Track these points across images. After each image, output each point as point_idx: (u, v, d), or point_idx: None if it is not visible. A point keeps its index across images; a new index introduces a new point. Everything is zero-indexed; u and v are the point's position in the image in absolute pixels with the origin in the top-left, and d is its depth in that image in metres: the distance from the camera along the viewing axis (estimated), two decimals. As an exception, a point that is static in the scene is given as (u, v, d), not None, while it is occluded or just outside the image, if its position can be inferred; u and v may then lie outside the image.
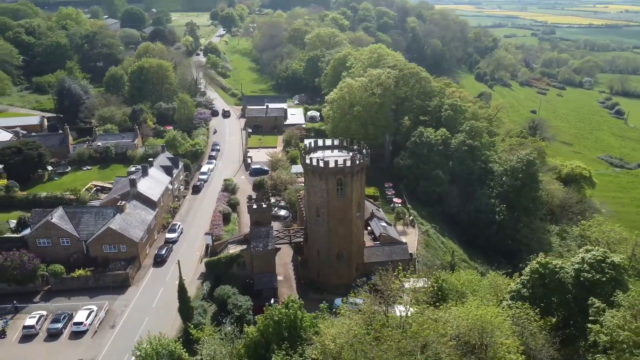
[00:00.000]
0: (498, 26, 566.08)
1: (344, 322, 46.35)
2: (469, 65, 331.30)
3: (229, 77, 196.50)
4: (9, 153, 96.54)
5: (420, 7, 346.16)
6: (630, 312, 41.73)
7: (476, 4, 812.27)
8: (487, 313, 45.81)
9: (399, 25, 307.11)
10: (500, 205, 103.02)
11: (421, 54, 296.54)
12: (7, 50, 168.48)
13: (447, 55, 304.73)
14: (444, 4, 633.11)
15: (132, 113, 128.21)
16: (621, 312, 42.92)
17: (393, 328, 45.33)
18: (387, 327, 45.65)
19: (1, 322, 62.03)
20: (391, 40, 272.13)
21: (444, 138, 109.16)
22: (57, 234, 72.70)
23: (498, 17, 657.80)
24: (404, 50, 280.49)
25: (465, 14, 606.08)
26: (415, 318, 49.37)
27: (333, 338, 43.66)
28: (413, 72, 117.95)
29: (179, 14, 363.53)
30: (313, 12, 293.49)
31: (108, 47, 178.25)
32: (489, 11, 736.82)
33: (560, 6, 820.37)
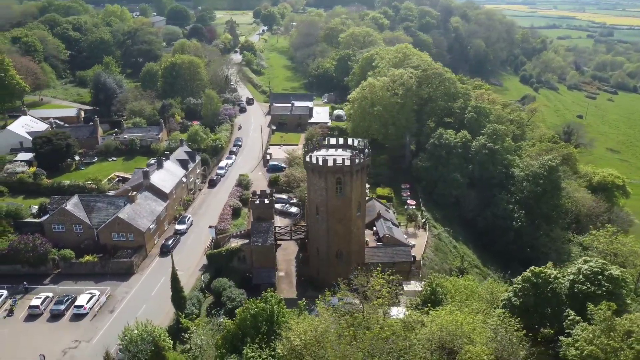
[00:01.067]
0: (552, 27, 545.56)
1: (313, 318, 46.66)
2: (514, 67, 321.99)
3: (264, 74, 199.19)
4: (40, 142, 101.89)
5: (466, 7, 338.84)
6: (602, 326, 39.91)
7: (530, 4, 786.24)
8: (458, 319, 45.03)
9: (441, 25, 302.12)
10: (519, 212, 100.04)
11: (463, 54, 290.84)
12: (54, 45, 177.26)
13: (491, 57, 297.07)
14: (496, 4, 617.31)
15: (162, 108, 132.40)
16: (592, 326, 41.14)
17: (364, 328, 45.25)
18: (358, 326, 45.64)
19: (10, 301, 65.91)
20: (432, 40, 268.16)
21: (464, 140, 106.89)
22: (71, 220, 76.39)
23: (553, 17, 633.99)
24: (445, 51, 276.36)
25: (518, 14, 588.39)
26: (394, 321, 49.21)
27: (299, 334, 44.03)
28: (437, 73, 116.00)
29: (224, 12, 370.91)
30: (354, 11, 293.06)
31: (148, 43, 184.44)
32: (543, 11, 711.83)
33: (621, 7, 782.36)
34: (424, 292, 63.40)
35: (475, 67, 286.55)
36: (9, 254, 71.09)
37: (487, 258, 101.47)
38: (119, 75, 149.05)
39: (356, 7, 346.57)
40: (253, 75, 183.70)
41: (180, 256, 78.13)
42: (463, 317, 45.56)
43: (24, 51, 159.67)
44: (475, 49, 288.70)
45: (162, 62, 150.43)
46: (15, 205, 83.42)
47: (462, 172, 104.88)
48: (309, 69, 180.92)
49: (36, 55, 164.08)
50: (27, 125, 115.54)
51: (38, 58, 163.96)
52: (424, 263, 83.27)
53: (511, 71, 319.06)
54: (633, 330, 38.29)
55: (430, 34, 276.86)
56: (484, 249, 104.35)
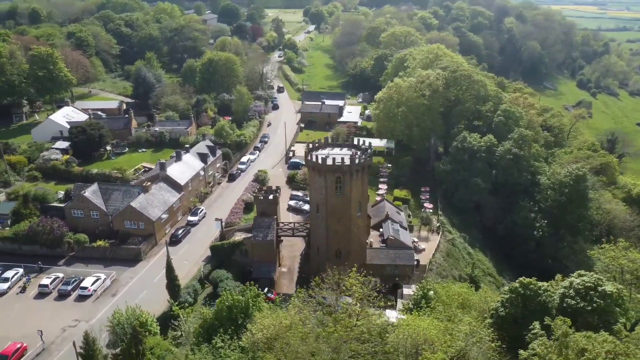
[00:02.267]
0: (622, 29, 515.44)
1: (280, 313, 47.27)
2: (571, 71, 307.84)
3: (304, 72, 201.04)
4: (75, 132, 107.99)
5: (522, 7, 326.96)
6: (559, 342, 38.11)
7: (600, 4, 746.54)
8: (423, 325, 44.36)
9: (494, 25, 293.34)
10: (541, 221, 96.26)
11: (516, 56, 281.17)
12: (106, 41, 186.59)
13: (546, 59, 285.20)
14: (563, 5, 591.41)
15: (196, 102, 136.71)
16: (549, 342, 39.42)
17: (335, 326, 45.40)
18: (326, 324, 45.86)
19: (24, 279, 70.58)
20: (482, 41, 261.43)
21: (489, 145, 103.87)
22: (88, 206, 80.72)
23: (624, 19, 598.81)
24: (496, 52, 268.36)
25: (585, 15, 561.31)
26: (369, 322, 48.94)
27: (261, 328, 44.78)
28: (465, 74, 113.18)
29: (277, 10, 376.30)
30: (404, 10, 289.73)
31: (192, 40, 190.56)
32: (614, 13, 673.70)
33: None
34: (415, 296, 62.72)
35: (528, 69, 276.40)
36: (28, 235, 76.06)
37: (505, 267, 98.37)
38: (159, 70, 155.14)
39: (408, 7, 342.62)
40: (291, 73, 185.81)
41: (187, 246, 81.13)
42: (428, 323, 44.77)
43: (77, 46, 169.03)
44: (529, 51, 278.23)
45: (202, 59, 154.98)
46: (43, 190, 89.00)
47: (484, 177, 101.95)
48: (347, 68, 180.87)
49: (88, 49, 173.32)
50: (68, 115, 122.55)
51: (90, 52, 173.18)
52: (430, 268, 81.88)
53: (568, 75, 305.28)
54: (587, 348, 36.36)
55: (481, 34, 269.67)
56: (503, 257, 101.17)
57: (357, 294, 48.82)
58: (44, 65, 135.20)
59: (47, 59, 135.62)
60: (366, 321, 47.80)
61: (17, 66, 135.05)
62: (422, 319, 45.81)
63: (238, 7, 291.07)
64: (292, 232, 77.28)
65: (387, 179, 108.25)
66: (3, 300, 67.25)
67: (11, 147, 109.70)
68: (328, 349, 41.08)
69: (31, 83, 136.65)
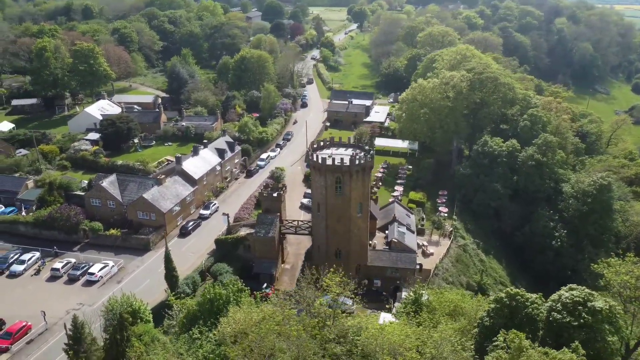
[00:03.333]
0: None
1: (253, 309, 48.10)
2: (627, 75, 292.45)
3: (340, 71, 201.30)
4: (105, 125, 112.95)
5: (576, 7, 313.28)
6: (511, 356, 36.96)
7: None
8: (388, 330, 44.14)
9: (543, 26, 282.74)
10: (561, 230, 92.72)
11: (566, 58, 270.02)
12: (150, 37, 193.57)
13: (599, 62, 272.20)
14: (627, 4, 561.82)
15: (226, 99, 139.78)
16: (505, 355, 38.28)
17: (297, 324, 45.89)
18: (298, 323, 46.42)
19: (40, 262, 74.85)
20: (529, 42, 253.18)
21: (511, 150, 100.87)
22: (105, 196, 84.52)
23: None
24: (544, 54, 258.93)
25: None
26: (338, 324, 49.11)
27: (231, 322, 45.78)
28: (491, 77, 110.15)
29: (322, 8, 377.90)
30: (450, 9, 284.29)
31: (231, 37, 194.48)
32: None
33: None
34: (406, 301, 62.24)
35: (578, 72, 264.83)
36: (47, 221, 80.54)
37: (521, 277, 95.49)
38: (194, 66, 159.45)
39: (455, 6, 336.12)
40: (324, 72, 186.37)
41: (195, 239, 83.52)
42: (393, 328, 44.50)
43: (120, 41, 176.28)
44: (580, 53, 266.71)
45: (235, 56, 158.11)
46: (68, 178, 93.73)
47: (504, 183, 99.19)
48: (380, 68, 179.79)
49: (131, 45, 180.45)
50: (103, 108, 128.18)
51: (132, 48, 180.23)
52: (436, 273, 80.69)
53: (623, 79, 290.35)
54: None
55: (529, 35, 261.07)
56: (521, 266, 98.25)
57: (332, 295, 49.05)
58: (85, 60, 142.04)
59: (88, 53, 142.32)
60: (339, 323, 48.02)
61: (61, 60, 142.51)
62: (393, 324, 45.48)
63: (282, 5, 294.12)
64: (295, 229, 78.07)
65: (406, 180, 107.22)
66: (18, 281, 71.65)
67: (48, 136, 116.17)
68: (290, 347, 41.54)
69: (73, 76, 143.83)
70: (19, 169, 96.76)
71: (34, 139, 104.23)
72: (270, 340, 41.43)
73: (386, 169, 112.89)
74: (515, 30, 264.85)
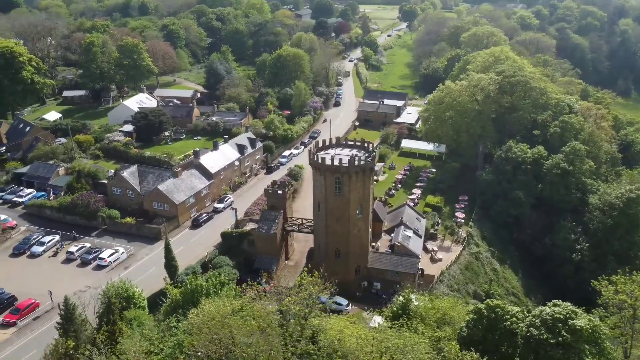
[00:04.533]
0: None
1: (224, 302, 49.28)
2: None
3: (382, 70, 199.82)
4: (138, 117, 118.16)
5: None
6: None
7: None
8: (347, 332, 44.18)
9: (606, 27, 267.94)
10: (583, 244, 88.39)
11: (629, 62, 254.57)
12: (197, 33, 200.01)
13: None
14: None
15: (259, 96, 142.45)
16: None
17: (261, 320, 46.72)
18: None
19: (58, 245, 79.72)
20: (588, 43, 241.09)
21: (537, 157, 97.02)
22: (125, 186, 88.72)
23: None
24: (604, 56, 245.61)
25: None
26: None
27: (198, 313, 47.21)
28: (521, 80, 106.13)
29: (375, 6, 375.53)
30: (507, 8, 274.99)
31: (274, 35, 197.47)
32: None
33: None
34: (394, 306, 61.75)
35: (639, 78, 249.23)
36: (69, 207, 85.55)
37: (538, 289, 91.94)
38: (232, 63, 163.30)
39: (513, 5, 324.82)
40: (364, 71, 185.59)
41: (205, 231, 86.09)
42: (352, 331, 44.44)
43: (168, 38, 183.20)
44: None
45: (273, 54, 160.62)
46: (96, 167, 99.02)
47: (527, 191, 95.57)
48: (420, 68, 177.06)
49: (178, 41, 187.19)
50: (141, 101, 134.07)
51: (179, 44, 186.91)
52: (441, 279, 79.25)
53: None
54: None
55: (588, 37, 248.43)
56: (539, 279, 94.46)
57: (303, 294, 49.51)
58: (129, 55, 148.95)
59: (132, 49, 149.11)
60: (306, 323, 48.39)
61: (108, 55, 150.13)
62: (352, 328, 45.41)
63: (333, 3, 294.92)
64: (298, 227, 78.90)
65: (426, 184, 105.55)
66: (36, 262, 76.72)
67: (87, 127, 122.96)
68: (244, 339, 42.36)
69: (118, 70, 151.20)
70: (54, 157, 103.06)
71: (69, 128, 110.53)
72: (226, 333, 42.49)
73: (409, 171, 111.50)
74: (574, 31, 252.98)
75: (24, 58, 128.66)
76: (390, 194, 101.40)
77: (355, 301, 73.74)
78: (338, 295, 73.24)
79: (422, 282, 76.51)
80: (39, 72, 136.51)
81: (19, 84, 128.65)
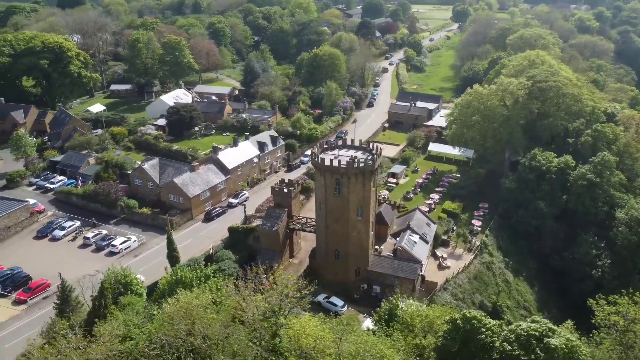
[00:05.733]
0: None
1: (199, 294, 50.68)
2: None
3: (424, 72, 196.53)
4: (171, 112, 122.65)
5: None
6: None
7: None
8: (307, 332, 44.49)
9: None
10: (605, 260, 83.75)
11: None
12: (242, 31, 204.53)
13: None
14: None
15: (293, 94, 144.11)
16: None
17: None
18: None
19: (78, 230, 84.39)
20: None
21: (563, 166, 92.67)
22: (146, 177, 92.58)
23: None
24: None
25: None
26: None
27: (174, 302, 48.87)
28: (553, 86, 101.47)
29: (430, 6, 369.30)
30: (562, 9, 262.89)
31: (317, 34, 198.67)
32: None
33: None
34: (380, 311, 61.26)
35: None
36: (92, 195, 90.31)
37: (554, 304, 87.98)
38: (271, 61, 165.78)
39: (576, 6, 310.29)
40: (403, 72, 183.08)
41: (216, 225, 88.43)
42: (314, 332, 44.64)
43: (213, 36, 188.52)
44: None
45: (310, 53, 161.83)
46: (124, 158, 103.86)
47: (550, 202, 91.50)
48: (461, 70, 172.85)
49: (223, 39, 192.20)
50: (178, 97, 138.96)
51: (224, 42, 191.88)
52: (445, 287, 77.54)
53: None
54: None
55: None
56: (557, 294, 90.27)
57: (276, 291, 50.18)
58: (172, 52, 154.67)
59: (175, 46, 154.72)
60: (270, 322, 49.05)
61: (152, 51, 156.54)
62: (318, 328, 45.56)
63: (384, 3, 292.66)
64: (301, 226, 79.50)
65: (447, 189, 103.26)
66: (55, 245, 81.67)
67: (125, 119, 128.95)
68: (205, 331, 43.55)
69: (161, 66, 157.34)
70: (88, 147, 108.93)
71: (103, 121, 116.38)
72: (187, 323, 43.84)
73: (431, 175, 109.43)
74: (639, 35, 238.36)
75: (72, 53, 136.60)
76: (408, 197, 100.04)
77: (354, 303, 73.58)
78: (337, 295, 74.12)
79: (422, 288, 75.21)
80: (87, 66, 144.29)
81: (66, 77, 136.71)
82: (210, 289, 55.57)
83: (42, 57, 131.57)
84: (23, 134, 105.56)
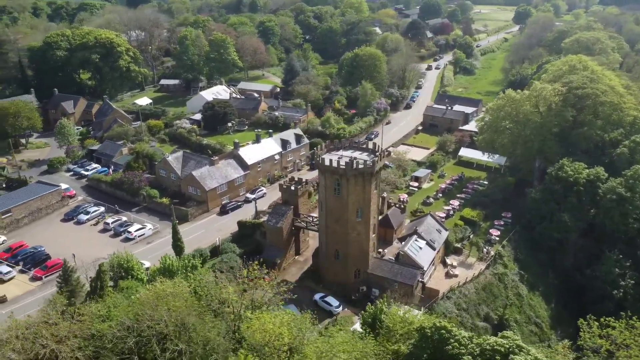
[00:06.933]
0: None
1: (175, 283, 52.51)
2: None
3: (474, 74, 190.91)
4: (206, 108, 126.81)
5: None
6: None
7: None
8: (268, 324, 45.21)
9: None
10: (628, 280, 78.37)
11: None
12: (292, 30, 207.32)
13: None
14: None
15: (329, 93, 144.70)
16: None
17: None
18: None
19: (100, 216, 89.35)
20: None
21: (592, 179, 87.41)
22: (169, 169, 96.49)
23: None
24: None
25: None
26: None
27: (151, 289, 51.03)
28: (590, 93, 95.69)
29: (495, 7, 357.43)
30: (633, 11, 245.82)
31: (366, 34, 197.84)
32: None
33: None
34: (365, 315, 60.93)
35: None
36: (118, 183, 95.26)
37: (570, 322, 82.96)
38: (314, 60, 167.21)
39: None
40: (449, 74, 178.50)
41: (229, 219, 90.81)
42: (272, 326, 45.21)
43: (262, 34, 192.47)
44: None
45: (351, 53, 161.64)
46: (154, 149, 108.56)
47: (577, 215, 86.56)
48: (509, 74, 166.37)
49: (272, 38, 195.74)
50: (217, 93, 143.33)
51: (272, 41, 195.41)
52: (449, 296, 75.51)
53: None
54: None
55: None
56: (577, 312, 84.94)
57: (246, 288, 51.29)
58: (217, 49, 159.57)
59: (220, 43, 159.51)
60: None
61: (199, 48, 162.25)
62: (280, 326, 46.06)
63: (442, 3, 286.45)
64: (306, 224, 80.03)
65: (471, 196, 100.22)
66: (79, 228, 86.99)
67: (165, 113, 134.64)
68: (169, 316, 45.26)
69: (207, 63, 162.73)
70: (125, 138, 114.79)
71: (139, 113, 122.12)
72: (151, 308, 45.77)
73: (457, 180, 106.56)
74: None
75: (121, 48, 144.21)
76: (427, 202, 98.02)
77: (351, 304, 73.33)
78: (335, 296, 74.10)
79: (422, 295, 73.72)
80: (136, 61, 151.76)
81: (116, 71, 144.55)
82: (194, 279, 57.59)
83: (94, 51, 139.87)
84: (66, 122, 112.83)
